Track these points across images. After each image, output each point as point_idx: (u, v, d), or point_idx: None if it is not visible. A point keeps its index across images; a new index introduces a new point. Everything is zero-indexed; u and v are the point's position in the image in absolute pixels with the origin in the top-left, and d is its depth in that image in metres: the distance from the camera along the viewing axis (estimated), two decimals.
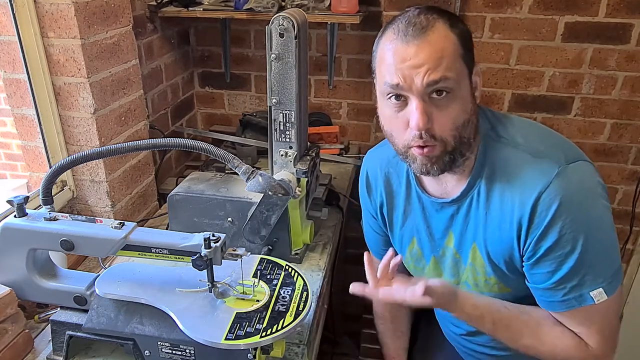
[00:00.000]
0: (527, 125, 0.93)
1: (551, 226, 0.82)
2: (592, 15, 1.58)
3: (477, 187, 0.90)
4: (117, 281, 0.94)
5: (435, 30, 0.79)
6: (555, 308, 0.87)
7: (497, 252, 0.90)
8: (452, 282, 1.00)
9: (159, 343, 0.90)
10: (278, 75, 1.10)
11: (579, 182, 0.83)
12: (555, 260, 0.83)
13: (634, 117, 1.69)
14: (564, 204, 0.81)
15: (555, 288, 0.85)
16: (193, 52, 2.01)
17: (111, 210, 1.35)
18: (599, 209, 0.84)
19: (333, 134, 1.92)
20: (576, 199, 0.82)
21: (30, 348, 0.99)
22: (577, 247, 0.82)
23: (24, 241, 0.92)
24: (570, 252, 0.82)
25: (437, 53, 0.78)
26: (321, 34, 1.87)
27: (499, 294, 0.95)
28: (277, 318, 0.88)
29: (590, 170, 0.86)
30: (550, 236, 0.82)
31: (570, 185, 0.82)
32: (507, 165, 0.87)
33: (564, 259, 0.83)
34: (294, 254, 1.23)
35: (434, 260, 1.03)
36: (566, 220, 0.81)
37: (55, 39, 1.17)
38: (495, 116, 0.93)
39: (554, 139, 0.90)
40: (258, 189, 1.07)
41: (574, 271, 0.83)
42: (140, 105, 1.44)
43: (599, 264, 0.83)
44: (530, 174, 0.84)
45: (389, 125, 0.88)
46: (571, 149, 0.88)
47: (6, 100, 1.34)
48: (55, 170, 0.93)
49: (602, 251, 0.84)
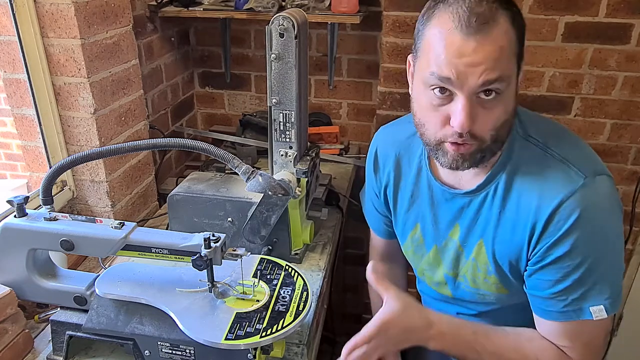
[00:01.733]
0: (559, 130, 0.89)
1: (566, 236, 0.80)
2: (592, 15, 1.58)
3: (496, 183, 0.87)
4: (117, 281, 0.94)
5: (497, 25, 0.72)
6: (551, 317, 0.85)
7: (504, 252, 0.89)
8: (450, 273, 0.99)
9: (159, 343, 0.90)
10: (278, 75, 1.10)
11: (602, 197, 0.81)
12: (562, 269, 0.82)
13: (633, 117, 1.69)
14: (583, 217, 0.78)
15: (556, 298, 0.83)
16: (193, 52, 2.01)
17: (111, 210, 1.35)
18: (614, 228, 0.82)
19: (333, 134, 1.92)
20: (596, 214, 0.80)
21: (30, 348, 0.99)
22: (586, 260, 0.80)
23: (24, 241, 0.92)
24: (580, 265, 0.80)
25: (496, 52, 0.72)
26: (321, 34, 1.87)
27: (495, 294, 0.94)
28: (277, 318, 0.88)
29: (612, 185, 0.83)
30: (563, 246, 0.80)
31: (593, 199, 0.80)
32: (531, 166, 0.84)
33: (571, 271, 0.81)
34: (294, 254, 1.23)
35: (435, 249, 1.01)
36: (583, 234, 0.79)
37: (55, 39, 1.17)
38: (528, 115, 0.89)
39: (583, 150, 0.86)
40: (258, 189, 1.07)
41: (579, 284, 0.81)
42: (140, 105, 1.44)
43: (605, 281, 0.81)
44: (554, 180, 0.81)
45: (423, 116, 0.82)
46: (597, 162, 0.85)
47: (6, 100, 1.34)
48: (55, 170, 0.93)
49: (610, 268, 0.82)
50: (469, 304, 1.02)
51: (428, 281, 1.08)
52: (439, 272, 1.02)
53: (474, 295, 0.98)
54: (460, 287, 0.99)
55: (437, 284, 1.05)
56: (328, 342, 2.00)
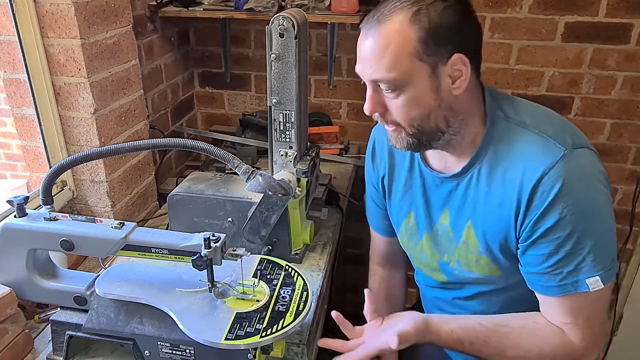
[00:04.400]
0: (535, 107, 0.92)
1: (552, 207, 0.81)
2: (592, 15, 1.58)
3: (479, 165, 0.90)
4: (117, 281, 0.94)
5: (389, 23, 0.78)
6: (550, 292, 0.86)
7: (492, 231, 0.90)
8: (444, 259, 1.01)
9: (159, 343, 0.90)
10: (278, 75, 1.10)
11: (583, 167, 0.83)
12: (552, 242, 0.83)
13: (633, 117, 1.69)
14: (567, 187, 0.80)
15: (552, 272, 0.84)
16: (193, 52, 2.01)
17: (111, 210, 1.35)
18: (600, 196, 0.83)
19: (333, 134, 1.92)
20: (579, 183, 0.81)
21: (30, 348, 0.99)
22: (576, 231, 0.81)
23: (24, 241, 0.92)
24: (569, 236, 0.82)
25: (380, 50, 0.79)
26: (321, 34, 1.87)
27: (488, 275, 0.95)
28: (277, 318, 0.88)
29: (595, 158, 0.85)
30: (550, 217, 0.82)
31: (575, 169, 0.81)
32: (512, 144, 0.86)
33: (562, 242, 0.82)
34: (294, 254, 1.23)
35: (427, 236, 1.03)
36: (567, 203, 0.81)
37: (55, 39, 1.17)
38: (503, 97, 0.92)
39: (561, 123, 0.89)
40: (258, 189, 1.07)
41: (571, 255, 0.82)
42: (140, 105, 1.44)
43: (597, 250, 0.82)
44: (535, 153, 0.83)
45: None
46: (577, 135, 0.87)
47: (6, 100, 1.34)
48: (55, 170, 0.93)
49: (601, 238, 0.83)
50: (465, 287, 1.03)
51: (424, 269, 1.09)
52: (432, 258, 1.04)
53: (468, 279, 0.99)
54: (454, 271, 1.00)
55: (432, 270, 1.07)
56: None
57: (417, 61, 0.79)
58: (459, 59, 0.80)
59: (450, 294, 1.07)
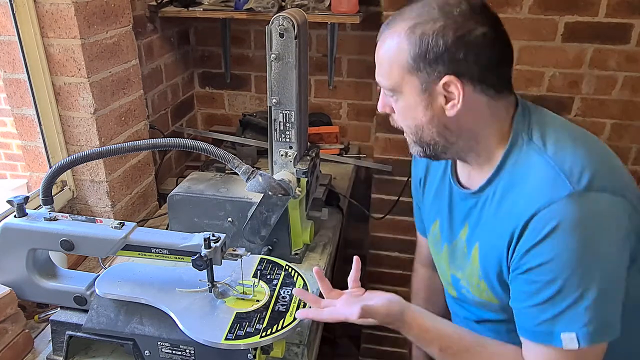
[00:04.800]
0: (569, 132, 0.83)
1: (538, 248, 0.75)
2: (592, 15, 1.58)
3: (495, 186, 0.85)
4: (117, 281, 0.94)
5: (391, 33, 0.79)
6: (525, 334, 0.81)
7: (491, 259, 0.87)
8: (457, 274, 0.98)
9: (159, 343, 0.89)
10: (278, 75, 1.10)
11: (591, 214, 0.74)
12: (534, 283, 0.77)
13: (634, 118, 1.69)
14: (560, 231, 0.73)
15: (529, 314, 0.79)
16: (193, 52, 2.01)
17: (111, 210, 1.35)
18: (605, 251, 0.74)
19: (333, 134, 1.92)
20: (578, 230, 0.73)
21: (30, 348, 0.99)
22: (558, 280, 0.74)
23: (24, 241, 0.92)
24: (551, 283, 0.75)
25: (380, 57, 0.82)
26: (321, 34, 1.86)
27: (486, 302, 0.92)
28: (277, 318, 0.88)
29: (618, 207, 0.75)
30: (535, 257, 0.76)
31: (577, 214, 0.73)
32: (527, 171, 0.81)
33: (542, 287, 0.76)
34: (294, 254, 1.23)
35: (446, 248, 1.00)
36: (555, 249, 0.74)
37: (55, 39, 1.17)
38: (538, 115, 0.85)
39: (591, 157, 0.78)
40: (258, 189, 1.07)
41: (549, 303, 0.76)
42: (140, 106, 1.44)
43: (583, 308, 0.74)
44: (539, 187, 0.77)
45: None
46: (608, 176, 0.77)
47: (6, 100, 1.34)
48: (55, 170, 0.93)
49: (590, 298, 0.74)
50: (472, 309, 1.01)
51: (442, 278, 1.08)
52: (447, 271, 1.02)
53: (473, 301, 0.97)
54: (462, 289, 0.98)
55: (447, 284, 1.05)
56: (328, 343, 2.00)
57: (408, 75, 0.79)
58: (450, 81, 0.77)
59: (462, 312, 1.05)
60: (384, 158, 1.81)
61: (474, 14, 0.76)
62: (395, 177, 1.82)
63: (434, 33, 0.75)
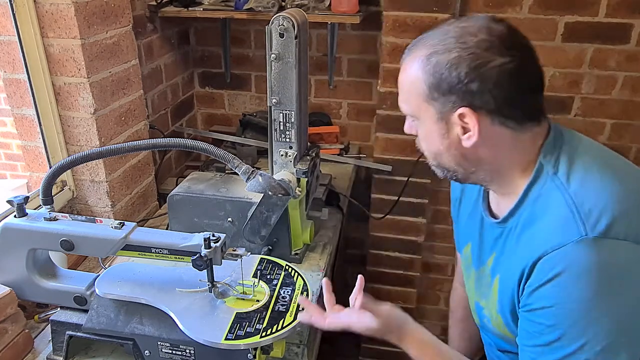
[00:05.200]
0: (604, 171, 0.76)
1: (542, 289, 0.73)
2: (592, 15, 1.58)
3: (518, 218, 0.81)
4: (117, 281, 0.94)
5: (411, 59, 0.79)
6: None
7: (507, 292, 0.84)
8: (481, 302, 0.95)
9: (159, 343, 0.89)
10: (278, 75, 1.10)
11: (603, 264, 0.68)
12: (536, 324, 0.75)
13: (634, 118, 1.69)
14: (565, 277, 0.70)
15: (529, 352, 0.77)
16: (193, 52, 2.01)
17: (111, 210, 1.35)
18: (613, 308, 0.69)
19: (333, 134, 1.92)
20: (585, 279, 0.69)
21: (30, 348, 0.99)
22: (559, 327, 0.71)
23: (24, 241, 0.92)
24: (552, 328, 0.72)
25: (400, 82, 0.81)
26: (321, 34, 1.86)
27: (504, 335, 0.90)
28: (277, 318, 0.88)
29: (634, 259, 0.70)
30: (538, 299, 0.74)
31: (586, 261, 0.68)
32: (546, 207, 0.76)
33: (543, 330, 0.74)
34: (294, 254, 1.23)
35: (474, 274, 0.98)
36: (559, 295, 0.70)
37: (55, 39, 1.17)
38: (570, 146, 0.79)
39: (623, 202, 0.72)
40: (258, 189, 1.07)
41: (549, 348, 0.73)
42: (140, 105, 1.44)
43: (580, 358, 0.70)
44: (554, 226, 0.73)
45: None
46: (633, 222, 0.71)
47: (6, 100, 1.34)
48: (55, 170, 0.93)
49: (592, 351, 0.70)
50: (493, 338, 0.99)
51: (469, 303, 1.05)
52: (472, 297, 1.00)
53: (492, 332, 0.95)
54: (483, 318, 0.96)
55: (472, 310, 1.03)
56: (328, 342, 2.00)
57: (424, 103, 0.78)
58: (465, 113, 0.74)
59: (486, 339, 1.04)
60: (384, 158, 1.81)
61: (494, 44, 0.72)
62: (395, 177, 1.82)
63: (447, 64, 0.73)
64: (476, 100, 0.73)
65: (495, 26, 0.74)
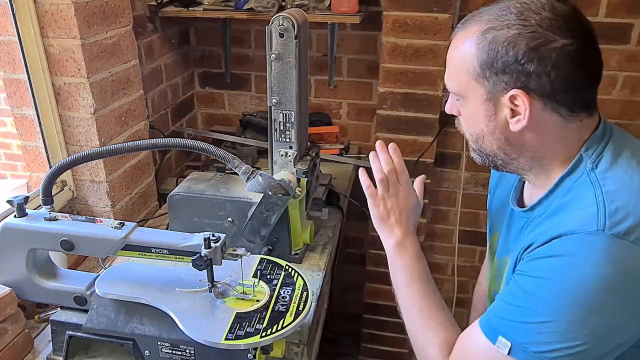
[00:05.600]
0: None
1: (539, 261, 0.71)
2: (592, 15, 1.58)
3: (545, 207, 0.79)
4: (117, 281, 0.94)
5: (463, 34, 0.75)
6: (480, 318, 0.78)
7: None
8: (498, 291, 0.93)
9: (159, 343, 0.90)
10: (278, 75, 1.10)
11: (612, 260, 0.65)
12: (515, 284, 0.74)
13: (634, 118, 1.69)
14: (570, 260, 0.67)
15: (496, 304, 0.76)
16: (193, 52, 2.01)
17: (111, 210, 1.35)
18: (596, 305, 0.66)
19: (333, 134, 1.92)
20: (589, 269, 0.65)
21: (30, 348, 0.99)
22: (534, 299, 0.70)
23: (24, 241, 0.92)
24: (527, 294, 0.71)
25: (450, 58, 0.78)
26: (321, 34, 1.86)
27: None
28: (277, 318, 0.88)
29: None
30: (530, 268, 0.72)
31: (596, 253, 0.65)
32: (574, 201, 0.73)
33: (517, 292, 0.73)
34: (294, 254, 1.23)
35: (496, 262, 0.97)
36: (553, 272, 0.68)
37: (55, 39, 1.17)
38: (617, 145, 0.75)
39: None
40: (258, 189, 1.07)
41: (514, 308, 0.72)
42: (140, 106, 1.44)
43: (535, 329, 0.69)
44: (573, 218, 0.70)
45: None
46: None
47: (6, 100, 1.34)
48: (55, 171, 0.93)
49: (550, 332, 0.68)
50: None
51: (489, 291, 1.04)
52: (492, 285, 1.00)
53: None
54: None
55: (488, 298, 1.03)
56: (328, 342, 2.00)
57: (473, 82, 0.74)
58: (517, 95, 0.71)
59: None
60: None
61: (557, 24, 0.68)
62: None
63: (505, 41, 0.69)
64: (531, 82, 0.70)
65: (559, 5, 0.70)
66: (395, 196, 0.97)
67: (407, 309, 0.91)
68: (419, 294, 0.90)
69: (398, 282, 0.93)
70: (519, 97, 0.71)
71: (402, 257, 0.94)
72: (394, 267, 0.95)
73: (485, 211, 1.10)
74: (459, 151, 1.90)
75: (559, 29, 0.68)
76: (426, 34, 1.57)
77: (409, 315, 0.91)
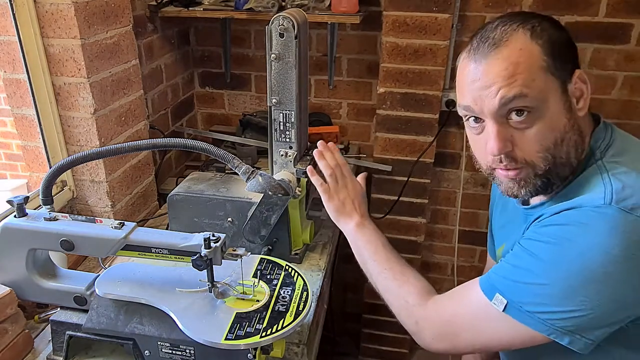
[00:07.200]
0: None
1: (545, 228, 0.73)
2: (592, 15, 1.58)
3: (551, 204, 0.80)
4: (117, 281, 0.94)
5: (509, 44, 0.72)
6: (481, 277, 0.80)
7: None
8: None
9: (159, 343, 0.90)
10: (278, 75, 1.10)
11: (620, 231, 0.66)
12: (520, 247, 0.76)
13: (633, 117, 1.69)
14: (576, 228, 0.69)
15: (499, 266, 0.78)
16: (193, 52, 2.01)
17: (111, 210, 1.35)
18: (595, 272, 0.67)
19: (333, 134, 1.92)
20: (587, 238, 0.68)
21: (30, 348, 0.99)
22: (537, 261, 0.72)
23: (24, 241, 0.92)
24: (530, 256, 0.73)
25: (509, 69, 0.71)
26: (321, 34, 1.87)
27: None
28: (277, 318, 0.88)
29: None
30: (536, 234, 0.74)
31: (604, 223, 0.67)
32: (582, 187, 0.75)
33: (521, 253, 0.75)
34: (294, 254, 1.23)
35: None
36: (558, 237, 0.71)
37: (55, 39, 1.17)
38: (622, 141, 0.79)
39: None
40: (258, 189, 1.07)
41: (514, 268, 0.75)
42: (140, 105, 1.44)
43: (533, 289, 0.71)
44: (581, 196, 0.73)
45: (472, 146, 0.83)
46: None
47: (6, 100, 1.34)
48: (55, 171, 0.93)
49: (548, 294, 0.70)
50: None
51: None
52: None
53: None
54: None
55: None
56: (328, 342, 2.00)
57: (550, 76, 0.72)
58: (579, 76, 0.74)
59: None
60: (384, 158, 1.81)
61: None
62: (395, 177, 1.82)
63: (549, 28, 0.73)
64: (578, 61, 0.76)
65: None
66: (345, 187, 1.07)
67: (379, 274, 0.96)
68: (386, 257, 0.97)
69: (364, 255, 0.99)
70: (579, 78, 0.75)
71: (363, 234, 1.01)
72: (358, 245, 1.01)
73: (485, 211, 1.10)
74: (459, 151, 1.90)
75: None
76: (426, 34, 1.57)
77: (381, 278, 0.95)
